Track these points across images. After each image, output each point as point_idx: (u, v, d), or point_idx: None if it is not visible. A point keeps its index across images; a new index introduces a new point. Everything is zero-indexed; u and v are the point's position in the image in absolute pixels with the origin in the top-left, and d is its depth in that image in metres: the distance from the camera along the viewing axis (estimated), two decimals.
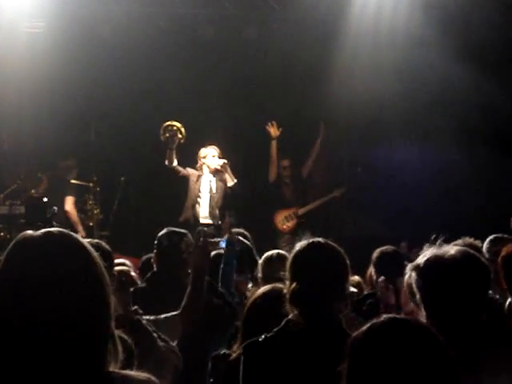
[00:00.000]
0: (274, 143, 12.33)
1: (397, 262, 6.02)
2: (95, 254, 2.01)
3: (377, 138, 12.95)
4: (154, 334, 4.37)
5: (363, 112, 12.38)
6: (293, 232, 11.88)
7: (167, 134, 11.14)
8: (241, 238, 6.50)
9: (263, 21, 12.69)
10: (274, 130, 12.27)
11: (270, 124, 12.25)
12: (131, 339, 3.39)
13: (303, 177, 12.64)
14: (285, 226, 12.36)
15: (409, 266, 3.38)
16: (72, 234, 2.02)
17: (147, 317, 4.64)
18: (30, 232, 2.00)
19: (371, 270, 6.46)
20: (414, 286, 3.30)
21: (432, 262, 3.26)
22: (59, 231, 2.01)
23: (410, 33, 11.76)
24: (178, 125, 11.22)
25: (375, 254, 6.39)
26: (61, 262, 1.93)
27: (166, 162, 11.11)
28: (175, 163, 11.17)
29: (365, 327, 2.25)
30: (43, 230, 2.00)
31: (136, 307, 4.46)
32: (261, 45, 12.46)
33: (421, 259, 3.31)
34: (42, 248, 1.94)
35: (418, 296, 3.25)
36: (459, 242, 5.54)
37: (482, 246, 6.04)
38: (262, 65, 12.59)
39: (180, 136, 11.13)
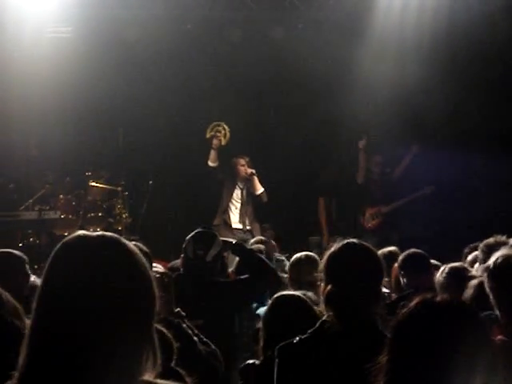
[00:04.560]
0: (361, 153, 12.31)
1: (423, 263, 6.02)
2: (144, 259, 1.99)
3: (406, 139, 12.84)
4: (195, 338, 4.35)
5: (390, 113, 12.33)
6: (377, 230, 11.83)
7: (212, 133, 11.48)
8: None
9: (288, 21, 12.66)
10: (361, 143, 12.26)
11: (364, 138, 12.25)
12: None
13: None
14: (370, 225, 12.27)
15: (480, 268, 3.41)
16: (125, 240, 2.00)
17: None
18: (84, 232, 1.98)
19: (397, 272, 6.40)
20: (486, 286, 3.31)
21: (503, 263, 3.26)
22: (112, 235, 1.99)
23: (435, 32, 11.66)
24: (226, 128, 11.49)
25: (401, 257, 6.33)
26: (112, 264, 1.91)
27: (209, 162, 11.41)
28: (215, 165, 11.45)
29: (405, 310, 2.31)
30: (98, 233, 1.98)
31: (178, 309, 4.45)
32: (287, 45, 12.41)
33: (491, 261, 3.31)
34: (96, 247, 1.92)
35: (491, 297, 3.24)
36: (491, 240, 5.50)
37: None
38: (288, 65, 12.55)
39: (222, 138, 11.48)
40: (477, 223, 10.96)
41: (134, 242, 2.03)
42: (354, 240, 3.70)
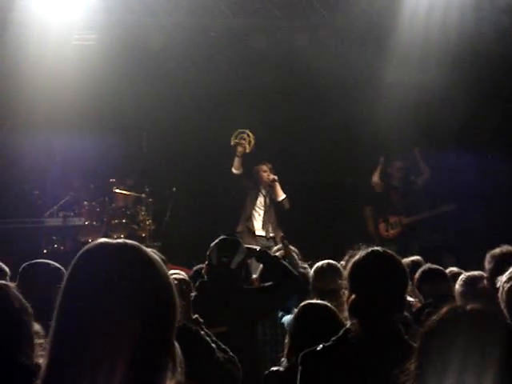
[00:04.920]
0: (379, 167, 12.46)
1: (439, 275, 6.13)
2: (164, 267, 1.99)
3: (427, 143, 12.81)
4: (213, 345, 4.35)
5: (413, 119, 12.31)
6: (394, 240, 11.81)
7: (236, 140, 11.54)
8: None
9: (313, 29, 12.65)
10: (382, 160, 12.41)
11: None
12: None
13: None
14: (388, 233, 12.24)
15: (498, 279, 3.39)
16: (145, 247, 2.01)
17: None
18: (106, 239, 1.98)
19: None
20: (500, 298, 3.29)
21: None
22: (134, 243, 1.99)
23: (461, 39, 11.62)
24: (251, 135, 11.53)
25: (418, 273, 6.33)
26: (132, 271, 1.91)
27: (233, 169, 11.43)
28: (239, 172, 11.50)
29: (436, 318, 2.33)
30: (120, 240, 1.98)
31: (196, 316, 4.45)
32: (311, 53, 12.41)
33: (506, 274, 3.30)
34: (117, 255, 1.93)
35: (505, 309, 3.23)
36: (497, 250, 5.47)
37: None
38: (312, 73, 12.54)
39: (247, 146, 11.52)
40: (496, 229, 10.91)
41: (149, 250, 2.02)
42: (379, 248, 3.68)
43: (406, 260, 6.44)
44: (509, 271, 3.39)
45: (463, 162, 12.64)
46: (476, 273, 5.72)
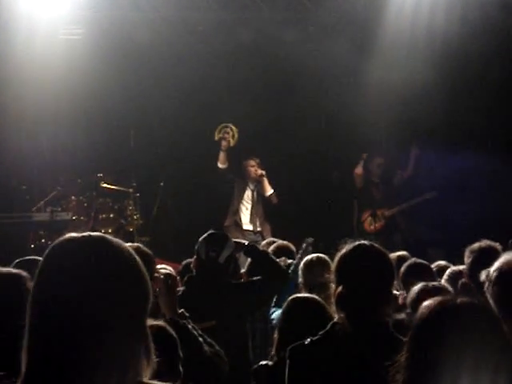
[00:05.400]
0: (361, 163, 12.44)
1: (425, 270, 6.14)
2: (136, 257, 2.01)
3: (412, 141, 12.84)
4: (200, 339, 4.37)
5: (399, 115, 12.36)
6: (378, 233, 11.84)
7: (220, 135, 11.58)
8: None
9: (300, 23, 12.67)
10: (365, 155, 12.38)
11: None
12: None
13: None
14: (372, 227, 12.27)
15: (482, 273, 3.40)
16: (113, 238, 2.03)
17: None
18: (72, 234, 2.01)
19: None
20: (487, 292, 3.31)
21: (505, 269, 3.27)
22: (100, 234, 2.01)
23: (447, 36, 11.65)
24: (234, 129, 11.57)
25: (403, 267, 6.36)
26: (97, 263, 1.93)
27: (218, 163, 11.47)
28: (225, 166, 11.54)
29: (426, 310, 2.36)
30: (85, 233, 2.00)
31: (182, 310, 4.46)
32: (298, 47, 12.42)
33: (496, 267, 3.32)
34: (82, 247, 1.95)
35: (492, 302, 3.24)
36: (476, 245, 5.50)
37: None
38: (299, 67, 12.56)
39: (231, 140, 11.55)
40: (477, 224, 10.98)
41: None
42: (365, 242, 3.70)
43: (393, 255, 6.46)
44: (495, 265, 3.41)
45: (448, 158, 12.68)
46: (461, 267, 5.75)
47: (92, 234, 2.00)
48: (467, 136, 12.43)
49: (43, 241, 11.53)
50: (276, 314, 6.12)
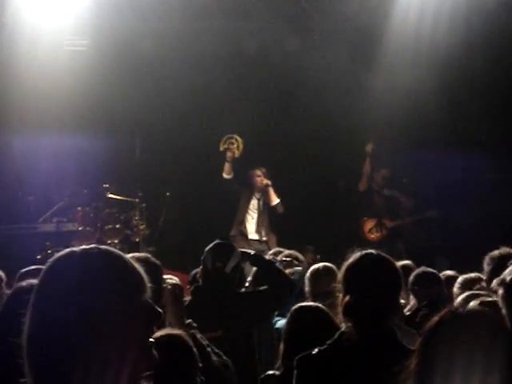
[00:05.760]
0: (367, 158, 12.44)
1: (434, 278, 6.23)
2: (131, 264, 2.00)
3: (418, 147, 12.83)
4: (208, 349, 4.36)
5: (403, 123, 12.36)
6: (379, 243, 11.83)
7: (225, 146, 11.64)
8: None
9: (304, 32, 12.68)
10: (369, 147, 12.40)
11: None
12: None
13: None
14: (373, 236, 12.25)
15: (495, 282, 3.38)
16: (114, 250, 2.02)
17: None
18: (73, 248, 2.01)
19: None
20: (500, 301, 3.28)
21: None
22: (99, 247, 2.00)
23: (451, 45, 11.65)
24: (239, 140, 11.62)
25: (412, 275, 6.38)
26: (98, 275, 1.92)
27: (223, 174, 11.52)
28: (230, 176, 11.58)
29: (436, 319, 2.39)
30: (85, 246, 2.00)
31: (190, 321, 4.45)
32: (302, 57, 12.43)
33: (507, 274, 3.29)
34: (83, 261, 1.94)
35: (504, 311, 3.22)
36: (496, 252, 5.48)
37: None
38: (303, 76, 12.55)
39: (236, 151, 11.62)
40: (480, 229, 10.97)
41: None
42: (372, 251, 3.69)
43: (397, 264, 6.46)
44: (504, 273, 3.39)
45: (450, 165, 12.69)
46: (473, 275, 5.74)
47: (94, 246, 2.00)
48: (470, 145, 12.41)
49: (49, 252, 11.53)
50: (280, 323, 6.11)
